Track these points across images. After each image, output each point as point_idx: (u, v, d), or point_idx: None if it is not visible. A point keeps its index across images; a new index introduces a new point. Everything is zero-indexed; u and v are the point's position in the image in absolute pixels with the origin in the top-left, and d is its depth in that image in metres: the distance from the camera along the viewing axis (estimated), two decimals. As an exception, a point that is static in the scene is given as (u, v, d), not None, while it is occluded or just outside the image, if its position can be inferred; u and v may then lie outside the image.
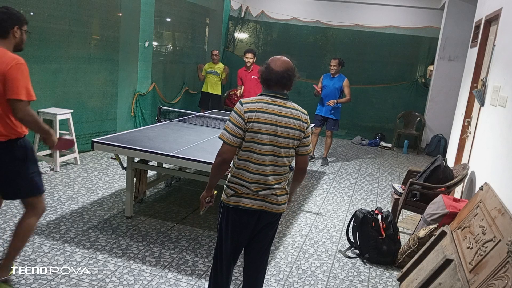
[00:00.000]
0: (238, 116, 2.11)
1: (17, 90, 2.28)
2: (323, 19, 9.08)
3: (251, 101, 2.14)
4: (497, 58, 3.80)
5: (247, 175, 2.15)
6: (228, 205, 2.20)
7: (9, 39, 2.37)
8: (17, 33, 2.40)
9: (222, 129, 2.14)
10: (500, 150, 3.25)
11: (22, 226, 2.57)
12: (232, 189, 2.18)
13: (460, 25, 7.51)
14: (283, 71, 2.16)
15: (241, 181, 2.16)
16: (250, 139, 2.11)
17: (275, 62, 2.18)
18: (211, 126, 4.85)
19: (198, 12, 8.73)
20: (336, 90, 6.26)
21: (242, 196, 2.16)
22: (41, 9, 4.94)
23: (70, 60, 5.41)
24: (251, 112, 2.10)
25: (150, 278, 2.93)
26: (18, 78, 2.27)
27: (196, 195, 4.62)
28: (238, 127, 2.10)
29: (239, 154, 2.17)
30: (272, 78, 2.16)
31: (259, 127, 2.10)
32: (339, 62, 6.26)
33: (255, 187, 2.15)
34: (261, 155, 2.12)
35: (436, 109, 8.06)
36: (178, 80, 8.04)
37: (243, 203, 2.16)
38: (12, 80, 2.26)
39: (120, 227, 3.67)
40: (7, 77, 2.25)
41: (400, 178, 6.11)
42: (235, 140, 2.10)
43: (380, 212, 3.56)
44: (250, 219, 2.19)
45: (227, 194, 2.20)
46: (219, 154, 2.14)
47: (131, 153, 3.50)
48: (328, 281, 3.15)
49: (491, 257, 2.34)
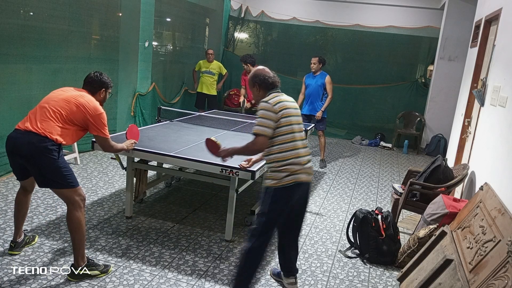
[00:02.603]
0: (271, 112, 2.54)
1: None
2: (323, 19, 9.08)
3: (276, 101, 2.59)
4: (497, 58, 3.80)
5: (295, 153, 2.60)
6: (283, 186, 2.57)
7: (95, 96, 2.95)
8: (102, 94, 3.01)
9: (256, 126, 2.54)
10: (500, 150, 3.25)
11: (69, 221, 2.80)
12: (285, 171, 2.57)
13: (460, 25, 7.51)
14: (272, 74, 2.76)
15: (293, 161, 2.58)
16: (287, 130, 2.59)
17: (262, 71, 2.75)
18: (211, 126, 4.85)
19: (198, 12, 8.73)
20: (319, 87, 6.21)
21: (297, 173, 2.59)
22: (40, 9, 4.94)
23: (69, 60, 5.41)
24: (281, 110, 2.57)
25: (150, 278, 2.93)
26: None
27: (196, 195, 4.62)
28: (272, 120, 2.54)
29: (281, 142, 2.58)
30: (269, 81, 2.71)
31: (291, 119, 2.60)
32: (320, 60, 6.22)
33: (304, 161, 2.63)
34: (297, 140, 2.64)
35: (436, 109, 8.06)
36: (177, 80, 8.05)
37: (300, 179, 2.60)
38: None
39: (120, 227, 3.67)
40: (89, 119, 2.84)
41: (400, 178, 6.11)
42: (269, 132, 2.54)
43: (380, 212, 3.56)
44: (302, 190, 2.69)
45: (278, 177, 2.57)
46: (257, 144, 2.55)
47: (131, 153, 3.50)
48: (328, 281, 3.15)
49: (491, 257, 2.33)
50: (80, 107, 2.78)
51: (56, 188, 2.77)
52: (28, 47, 4.80)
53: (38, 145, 2.65)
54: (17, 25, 4.68)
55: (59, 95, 2.85)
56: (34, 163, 2.69)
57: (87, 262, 2.86)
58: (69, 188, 2.76)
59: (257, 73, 2.74)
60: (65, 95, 2.83)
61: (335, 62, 9.56)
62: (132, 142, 3.40)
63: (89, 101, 2.84)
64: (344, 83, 8.83)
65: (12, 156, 2.78)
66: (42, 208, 3.89)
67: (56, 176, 2.71)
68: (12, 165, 2.88)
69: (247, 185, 4.03)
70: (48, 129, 2.70)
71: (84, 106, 2.79)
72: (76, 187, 2.79)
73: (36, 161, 2.68)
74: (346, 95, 8.90)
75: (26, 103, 4.77)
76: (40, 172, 2.72)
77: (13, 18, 4.60)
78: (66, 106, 2.77)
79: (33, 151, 2.65)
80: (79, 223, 2.79)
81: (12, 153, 2.76)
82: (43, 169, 2.70)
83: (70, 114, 2.77)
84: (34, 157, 2.67)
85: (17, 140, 2.70)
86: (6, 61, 4.58)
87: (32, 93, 4.85)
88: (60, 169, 2.72)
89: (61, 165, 2.73)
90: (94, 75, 2.97)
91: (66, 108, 2.77)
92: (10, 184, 4.38)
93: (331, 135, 8.74)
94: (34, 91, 4.87)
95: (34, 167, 2.71)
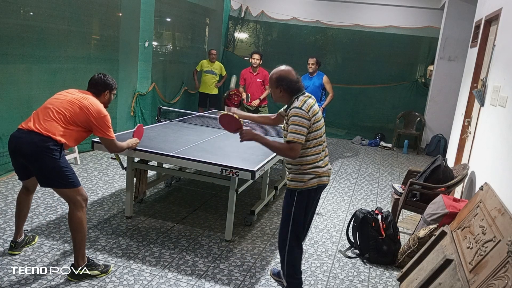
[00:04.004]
0: (306, 120, 2.54)
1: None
2: (323, 19, 9.08)
3: (308, 107, 2.57)
4: (497, 58, 3.80)
5: (320, 156, 2.68)
6: (309, 188, 2.66)
7: (100, 98, 2.96)
8: (107, 96, 3.02)
9: (292, 134, 2.51)
10: (500, 150, 3.25)
11: (70, 221, 2.81)
12: (311, 173, 2.64)
13: (460, 25, 7.50)
14: (297, 78, 2.68)
15: (319, 163, 2.67)
16: (316, 134, 2.63)
17: (289, 75, 2.65)
18: (211, 126, 4.85)
19: (198, 12, 8.72)
20: (317, 88, 6.20)
21: (322, 176, 2.68)
22: (40, 8, 4.94)
23: (69, 60, 5.40)
24: (314, 115, 2.59)
25: (150, 278, 2.92)
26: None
27: (196, 195, 4.62)
28: (306, 128, 2.55)
29: (310, 146, 2.61)
30: (295, 87, 2.64)
31: (319, 124, 2.64)
32: (317, 61, 6.22)
33: (324, 164, 2.71)
34: (323, 143, 2.71)
35: (436, 109, 8.06)
36: (177, 80, 8.05)
37: (323, 181, 2.71)
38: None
39: (120, 227, 3.67)
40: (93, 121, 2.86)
41: (400, 178, 6.11)
42: (304, 140, 2.56)
43: (380, 212, 3.55)
44: (320, 193, 2.80)
45: (305, 179, 2.64)
46: (294, 151, 2.54)
47: (131, 153, 3.50)
48: (328, 281, 3.14)
49: (491, 257, 2.33)
50: (83, 109, 2.80)
51: (58, 188, 2.78)
52: (28, 47, 4.79)
53: (40, 145, 2.66)
54: (17, 25, 4.68)
55: (64, 96, 2.86)
56: (35, 162, 2.70)
57: (87, 262, 2.87)
58: (70, 188, 2.77)
59: (283, 76, 2.63)
60: (69, 97, 2.84)
61: (335, 62, 9.55)
62: (136, 141, 3.41)
63: (93, 103, 2.85)
64: (344, 83, 8.82)
65: (14, 155, 2.79)
66: (42, 208, 3.89)
67: (57, 175, 2.72)
68: (14, 164, 2.89)
69: (247, 185, 4.04)
70: (51, 129, 2.71)
71: (87, 108, 2.81)
72: (78, 187, 2.80)
73: (37, 161, 2.69)
74: (346, 95, 8.89)
75: (25, 103, 4.78)
76: (41, 171, 2.73)
77: (12, 18, 4.60)
78: (70, 107, 2.79)
79: (35, 151, 2.66)
80: (80, 223, 2.80)
81: (14, 153, 2.77)
82: (44, 168, 2.71)
83: (74, 116, 2.79)
84: (36, 157, 2.67)
85: (19, 140, 2.70)
86: (6, 61, 4.58)
87: (32, 93, 4.85)
88: (62, 169, 2.73)
89: (62, 165, 2.74)
90: (98, 77, 2.98)
91: (70, 110, 2.78)
92: (10, 184, 4.38)
93: (331, 135, 8.74)
94: (34, 91, 4.87)
95: (36, 166, 2.72)
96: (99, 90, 2.97)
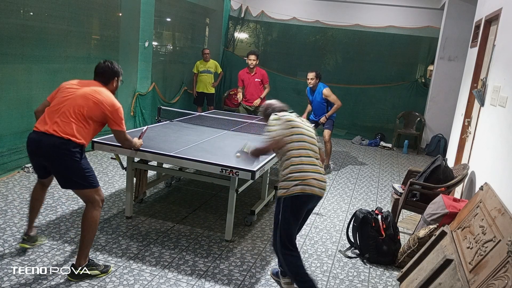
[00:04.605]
0: (278, 121, 2.77)
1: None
2: (323, 19, 9.08)
3: (284, 115, 2.83)
4: (497, 58, 3.80)
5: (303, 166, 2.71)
6: (292, 195, 2.66)
7: (108, 86, 2.95)
8: (115, 83, 3.02)
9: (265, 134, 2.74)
10: (500, 150, 3.25)
11: (85, 219, 2.81)
12: (294, 179, 2.66)
13: (460, 25, 7.50)
14: (280, 105, 3.06)
15: (303, 170, 2.69)
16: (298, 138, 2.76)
17: (270, 105, 3.05)
18: (211, 126, 4.85)
19: (198, 12, 8.73)
20: (320, 104, 6.01)
21: (306, 184, 2.66)
22: (40, 8, 4.94)
23: (69, 60, 5.40)
24: (289, 121, 2.78)
25: (150, 278, 2.92)
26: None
27: (196, 195, 4.62)
28: (280, 127, 2.74)
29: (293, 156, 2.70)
30: (277, 109, 3.00)
31: (301, 130, 2.79)
32: (316, 75, 5.91)
33: (311, 170, 2.72)
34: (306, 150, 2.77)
35: (436, 109, 8.06)
36: (177, 80, 8.06)
37: (306, 190, 2.66)
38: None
39: (120, 227, 3.67)
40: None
41: (400, 178, 6.11)
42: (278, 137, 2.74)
43: (380, 212, 3.55)
44: (309, 204, 2.81)
45: (289, 186, 2.66)
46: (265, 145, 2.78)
47: (131, 153, 3.50)
48: (328, 281, 3.14)
49: (491, 257, 2.33)
50: (98, 104, 2.78)
51: (79, 189, 2.80)
52: (28, 47, 4.79)
53: (62, 148, 2.67)
54: (17, 25, 4.68)
55: (72, 92, 2.80)
56: (58, 166, 2.72)
57: (88, 262, 2.87)
58: (91, 188, 2.79)
59: (266, 106, 3.05)
60: (80, 92, 2.80)
61: (335, 62, 9.55)
62: (141, 142, 3.41)
63: (106, 97, 2.84)
64: (344, 83, 8.82)
65: (34, 156, 2.80)
66: (42, 208, 3.88)
67: (79, 177, 2.74)
68: (33, 164, 2.92)
69: (247, 185, 4.04)
70: (70, 131, 2.70)
71: (102, 103, 2.79)
72: (97, 187, 2.83)
73: (60, 165, 2.71)
74: (346, 95, 8.87)
75: (25, 103, 4.77)
76: (64, 174, 2.75)
77: (12, 17, 4.60)
78: (84, 103, 2.76)
79: (57, 155, 2.68)
80: (95, 222, 2.82)
81: (35, 155, 2.78)
82: (67, 171, 2.73)
83: (90, 111, 2.77)
84: (59, 161, 2.69)
85: (40, 143, 2.70)
86: (5, 61, 4.58)
87: (32, 93, 4.85)
88: (83, 171, 2.75)
89: (84, 167, 2.76)
90: (106, 65, 2.95)
91: (85, 106, 2.75)
92: (10, 184, 4.38)
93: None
94: (33, 91, 4.87)
95: (58, 169, 2.75)
96: (108, 78, 2.95)
